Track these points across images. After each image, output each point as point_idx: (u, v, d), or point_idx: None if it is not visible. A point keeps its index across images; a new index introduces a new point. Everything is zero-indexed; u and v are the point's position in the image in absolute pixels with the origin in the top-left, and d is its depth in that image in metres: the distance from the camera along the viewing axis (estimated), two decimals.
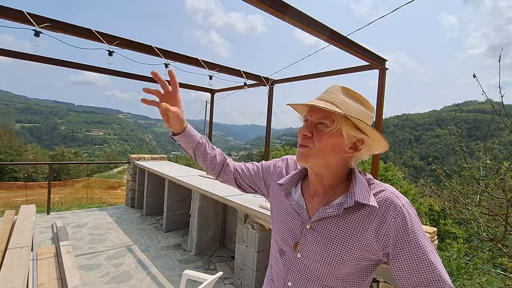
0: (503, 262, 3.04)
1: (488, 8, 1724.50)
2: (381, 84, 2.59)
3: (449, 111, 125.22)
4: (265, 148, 4.10)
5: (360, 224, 0.73)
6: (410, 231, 0.69)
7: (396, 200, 0.72)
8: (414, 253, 0.69)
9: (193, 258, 3.74)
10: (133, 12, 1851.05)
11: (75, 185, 14.19)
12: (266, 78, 3.79)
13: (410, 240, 0.69)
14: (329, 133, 0.73)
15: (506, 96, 2.79)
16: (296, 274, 0.80)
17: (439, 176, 3.66)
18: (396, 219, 0.70)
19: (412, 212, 0.72)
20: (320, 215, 0.77)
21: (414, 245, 0.69)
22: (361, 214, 0.73)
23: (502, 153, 3.54)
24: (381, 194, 0.74)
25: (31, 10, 2.27)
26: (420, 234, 0.70)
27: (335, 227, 0.75)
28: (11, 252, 2.59)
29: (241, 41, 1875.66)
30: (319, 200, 0.82)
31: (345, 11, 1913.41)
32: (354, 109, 0.74)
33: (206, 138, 1.01)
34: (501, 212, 2.95)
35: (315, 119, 0.76)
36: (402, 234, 0.69)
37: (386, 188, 0.76)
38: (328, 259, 0.74)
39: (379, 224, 0.71)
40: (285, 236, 0.84)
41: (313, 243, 0.77)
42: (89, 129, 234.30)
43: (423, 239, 0.70)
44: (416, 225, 0.71)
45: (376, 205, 0.72)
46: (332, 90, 0.76)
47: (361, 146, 0.76)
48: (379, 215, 0.72)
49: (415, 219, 0.71)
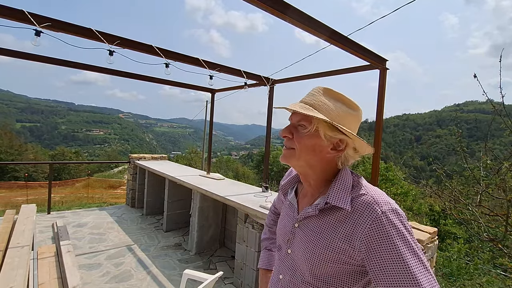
0: (503, 263, 3.04)
1: (491, 8, 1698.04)
2: (382, 84, 2.59)
3: (450, 111, 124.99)
4: (266, 148, 4.10)
5: (332, 226, 0.73)
6: (387, 240, 0.63)
7: (375, 206, 0.67)
8: (390, 265, 0.62)
9: (193, 257, 3.75)
10: (133, 11, 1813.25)
11: (76, 184, 14.21)
12: (267, 78, 3.79)
13: (387, 249, 0.63)
14: (307, 134, 0.75)
15: (507, 96, 2.78)
16: (286, 268, 0.84)
17: (440, 176, 3.65)
18: (371, 225, 0.65)
19: (396, 220, 0.65)
20: (303, 215, 0.80)
21: (390, 256, 0.62)
22: (335, 217, 0.73)
23: (503, 153, 3.54)
24: (361, 198, 0.71)
25: (32, 9, 2.27)
26: (401, 244, 0.63)
27: (314, 227, 0.78)
28: (12, 252, 2.59)
29: (242, 41, 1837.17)
30: (308, 200, 0.85)
31: (346, 10, 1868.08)
32: (335, 110, 0.74)
33: (268, 236, 1.16)
34: (501, 213, 2.95)
35: (295, 121, 0.79)
36: (377, 243, 0.64)
37: (368, 192, 0.72)
38: (308, 257, 0.75)
39: (352, 228, 0.69)
40: (281, 233, 0.90)
41: (298, 240, 0.81)
42: (90, 128, 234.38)
43: (403, 249, 0.62)
44: (395, 234, 0.63)
45: (349, 208, 0.70)
46: (314, 92, 0.78)
47: (343, 146, 0.76)
48: (353, 219, 0.69)
49: (397, 228, 0.64)
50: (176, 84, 4.46)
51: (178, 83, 4.46)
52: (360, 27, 2.86)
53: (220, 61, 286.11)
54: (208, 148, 5.56)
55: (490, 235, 3.03)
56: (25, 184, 12.50)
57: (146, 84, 47.29)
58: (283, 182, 0.98)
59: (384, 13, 3.47)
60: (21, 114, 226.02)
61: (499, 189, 2.96)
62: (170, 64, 3.08)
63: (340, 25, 19.23)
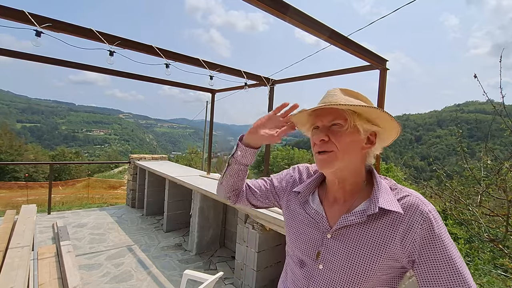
0: (504, 263, 3.03)
1: (492, 8, 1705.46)
2: (382, 85, 2.58)
3: (450, 111, 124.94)
4: (266, 148, 4.10)
5: (386, 232, 0.70)
6: (437, 238, 0.67)
7: (423, 206, 0.70)
8: (441, 260, 0.66)
9: (193, 258, 3.74)
10: (133, 11, 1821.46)
11: (76, 185, 14.21)
12: (267, 78, 3.79)
13: (437, 247, 0.67)
14: (347, 132, 0.73)
15: (507, 96, 2.78)
16: (318, 286, 0.75)
17: (440, 177, 3.65)
18: (422, 226, 0.68)
19: (438, 218, 0.70)
20: (342, 223, 0.74)
21: (440, 252, 0.67)
22: (386, 221, 0.71)
23: (503, 153, 3.54)
24: (406, 199, 0.72)
25: (32, 10, 2.27)
26: (447, 241, 0.68)
27: (358, 235, 0.72)
28: (12, 252, 2.59)
29: (242, 40, 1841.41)
30: (339, 208, 0.79)
31: (346, 10, 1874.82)
32: (358, 105, 0.74)
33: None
34: (502, 213, 2.94)
35: (327, 122, 0.75)
36: (429, 241, 0.67)
37: (411, 193, 0.73)
38: (352, 270, 0.71)
39: (406, 231, 0.69)
40: (304, 247, 0.80)
41: (335, 253, 0.74)
42: (90, 129, 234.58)
43: (450, 246, 0.67)
44: (442, 231, 0.68)
45: (402, 211, 0.70)
46: (332, 93, 0.77)
47: (375, 139, 0.77)
48: (405, 221, 0.69)
49: (441, 226, 0.69)
50: (176, 85, 4.46)
51: (178, 83, 4.46)
52: (360, 27, 2.86)
53: (220, 61, 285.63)
54: (208, 148, 5.56)
55: (490, 236, 3.03)
56: (25, 184, 12.50)
57: (146, 84, 46.10)
58: (299, 189, 0.88)
59: (384, 13, 3.45)
60: (21, 115, 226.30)
61: (500, 190, 2.95)
62: (170, 65, 3.08)
63: (340, 25, 19.20)
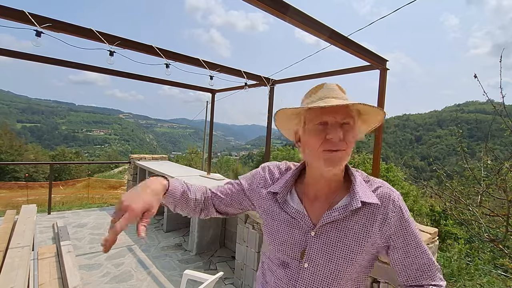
0: (504, 263, 3.03)
1: (492, 8, 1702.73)
2: (382, 85, 2.58)
3: (450, 111, 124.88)
4: (266, 148, 4.10)
5: (366, 223, 0.74)
6: (406, 222, 0.75)
7: (393, 194, 0.77)
8: (411, 241, 0.75)
9: (193, 258, 3.74)
10: (133, 11, 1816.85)
11: (76, 185, 14.21)
12: (267, 78, 3.79)
13: (407, 230, 0.75)
14: (354, 131, 0.74)
15: (507, 96, 2.78)
16: (305, 285, 0.75)
17: (440, 177, 3.65)
18: (395, 213, 0.75)
19: (403, 202, 0.78)
20: (326, 220, 0.75)
21: (409, 234, 0.75)
22: (365, 213, 0.75)
23: (503, 153, 3.54)
24: (380, 190, 0.78)
25: (32, 10, 2.27)
26: (412, 223, 0.77)
27: (341, 229, 0.75)
28: (12, 252, 2.59)
29: (242, 40, 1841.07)
30: (320, 205, 0.79)
31: (347, 10, 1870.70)
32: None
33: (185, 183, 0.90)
34: (502, 213, 2.94)
35: (340, 119, 0.71)
36: (400, 226, 0.75)
37: (382, 183, 0.80)
38: (338, 263, 0.73)
39: (383, 219, 0.74)
40: (286, 249, 0.79)
41: (320, 250, 0.75)
42: (90, 129, 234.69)
43: (414, 227, 0.77)
44: (408, 214, 0.76)
45: (379, 202, 0.75)
46: (331, 87, 0.77)
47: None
48: (382, 211, 0.75)
49: (407, 209, 0.77)
50: (176, 85, 4.46)
51: (178, 83, 4.46)
52: (360, 27, 2.86)
53: (220, 61, 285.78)
54: (208, 148, 5.56)
55: (490, 236, 3.03)
56: (25, 184, 12.50)
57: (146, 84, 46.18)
58: (276, 189, 0.84)
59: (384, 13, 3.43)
60: (21, 115, 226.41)
61: (500, 190, 2.95)
62: (170, 65, 3.08)
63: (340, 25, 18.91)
